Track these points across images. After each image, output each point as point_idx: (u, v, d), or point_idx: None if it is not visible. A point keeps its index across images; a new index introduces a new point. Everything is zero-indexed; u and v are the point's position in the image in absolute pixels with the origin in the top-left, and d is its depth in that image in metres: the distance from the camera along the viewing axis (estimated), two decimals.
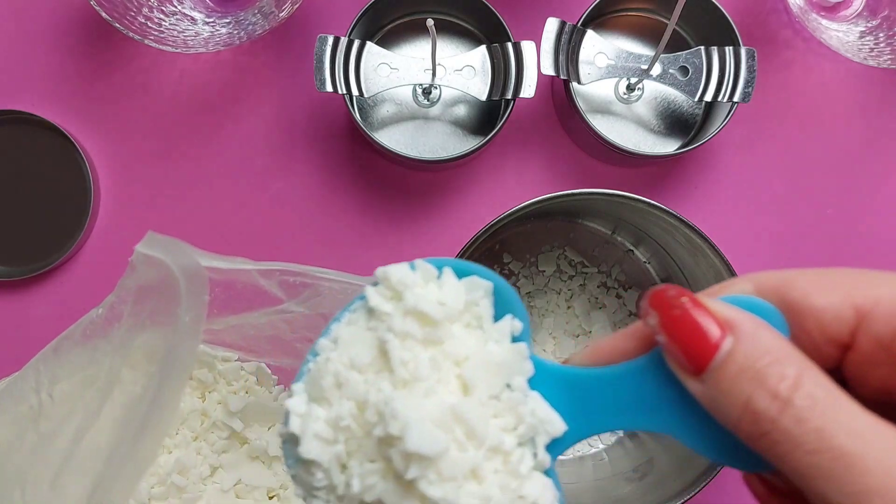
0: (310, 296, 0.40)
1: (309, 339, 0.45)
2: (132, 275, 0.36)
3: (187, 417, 0.46)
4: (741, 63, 0.48)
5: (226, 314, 0.41)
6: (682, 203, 0.54)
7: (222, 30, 0.50)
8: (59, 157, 0.51)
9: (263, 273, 0.39)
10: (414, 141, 0.52)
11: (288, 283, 0.39)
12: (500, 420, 0.22)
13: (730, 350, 0.18)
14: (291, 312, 0.41)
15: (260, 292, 0.39)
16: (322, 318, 0.43)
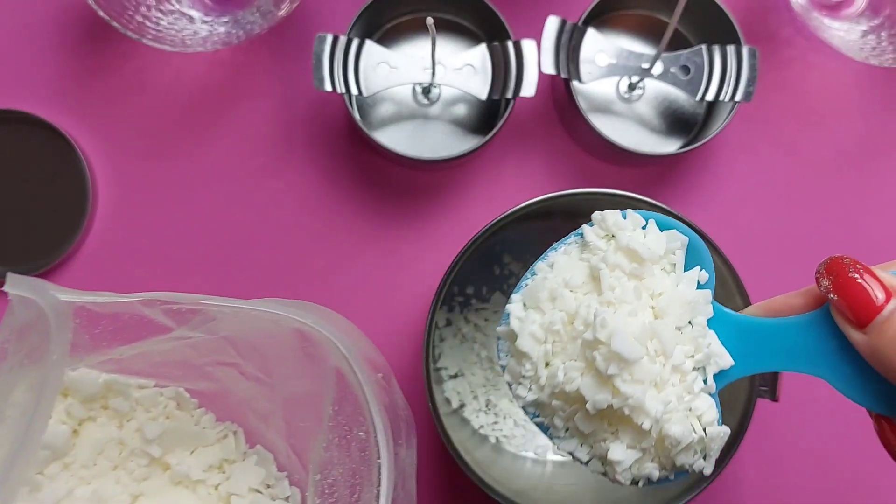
0: (202, 321, 0.40)
1: (219, 363, 0.45)
2: (12, 314, 0.38)
3: (104, 447, 0.46)
4: (743, 62, 0.48)
5: (117, 345, 0.42)
6: (683, 202, 0.54)
7: (220, 29, 0.50)
8: (56, 157, 0.51)
9: (145, 303, 0.40)
10: (413, 140, 0.52)
11: (172, 311, 0.40)
12: (682, 347, 0.27)
13: (893, 310, 0.23)
14: (191, 338, 0.41)
15: (147, 322, 0.40)
16: (226, 341, 0.44)
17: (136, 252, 0.52)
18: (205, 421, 0.48)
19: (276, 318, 0.39)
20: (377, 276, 0.53)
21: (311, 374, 0.41)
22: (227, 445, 0.48)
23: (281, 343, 0.42)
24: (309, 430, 0.44)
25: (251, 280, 0.52)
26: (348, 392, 0.39)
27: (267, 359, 0.44)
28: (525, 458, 0.50)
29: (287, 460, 0.47)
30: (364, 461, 0.39)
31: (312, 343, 0.40)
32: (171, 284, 0.52)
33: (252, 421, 0.48)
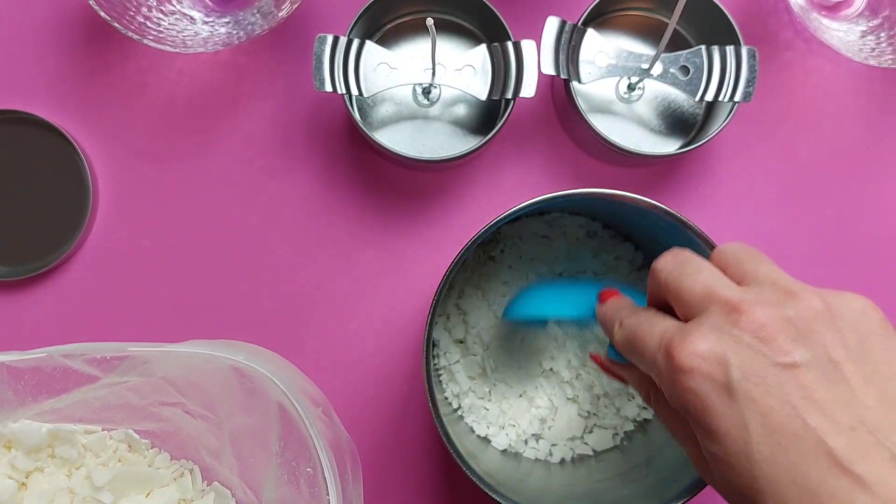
0: (132, 366, 0.40)
1: (162, 403, 0.44)
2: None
3: (54, 497, 0.44)
4: (742, 63, 0.48)
5: (45, 398, 0.41)
6: (682, 203, 0.54)
7: (221, 29, 0.50)
8: (57, 157, 0.51)
9: (66, 356, 0.39)
10: (413, 141, 0.52)
11: (95, 360, 0.40)
12: None
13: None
14: (126, 382, 0.41)
15: (72, 372, 0.40)
16: (165, 381, 0.43)
17: (137, 252, 0.52)
18: (159, 461, 0.47)
19: (209, 357, 0.39)
20: (377, 276, 0.53)
21: (253, 409, 0.41)
22: (183, 484, 0.47)
23: (220, 380, 0.42)
24: (260, 465, 0.44)
25: (251, 280, 0.52)
26: (292, 427, 0.39)
27: (209, 395, 0.44)
28: (523, 456, 0.50)
29: (244, 496, 0.47)
30: (314, 497, 0.38)
31: (250, 379, 0.40)
32: (170, 285, 0.52)
33: (205, 458, 0.47)
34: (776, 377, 0.26)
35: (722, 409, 0.26)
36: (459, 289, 0.51)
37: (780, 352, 0.26)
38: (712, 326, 0.27)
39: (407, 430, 0.52)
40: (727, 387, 0.26)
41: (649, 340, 0.30)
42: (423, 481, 0.52)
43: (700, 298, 0.29)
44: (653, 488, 0.45)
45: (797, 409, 0.25)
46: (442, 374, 0.51)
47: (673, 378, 0.27)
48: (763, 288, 0.29)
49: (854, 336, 0.27)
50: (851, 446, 0.24)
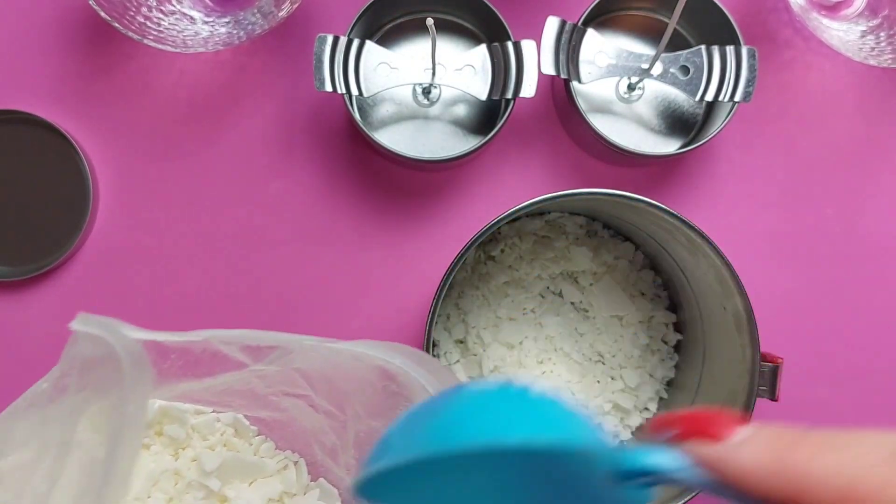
0: (279, 355, 0.38)
1: (286, 394, 0.43)
2: (75, 346, 0.36)
3: (159, 479, 0.43)
4: (742, 62, 0.48)
5: (187, 379, 0.40)
6: (682, 203, 0.54)
7: (221, 29, 0.50)
8: (58, 158, 0.51)
9: (223, 340, 0.38)
10: (414, 141, 0.52)
11: (251, 349, 0.38)
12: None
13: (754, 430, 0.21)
14: (263, 370, 0.40)
15: (221, 357, 0.38)
16: (298, 373, 0.41)
17: (137, 252, 0.52)
18: (263, 449, 0.46)
19: (359, 355, 0.37)
20: (378, 276, 0.53)
21: (391, 413, 0.39)
22: (287, 477, 0.45)
23: (360, 379, 0.40)
24: None
25: (251, 279, 0.52)
26: None
27: (342, 393, 0.42)
28: None
29: (350, 498, 0.45)
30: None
31: (396, 383, 0.37)
32: (171, 285, 0.52)
33: (317, 454, 0.45)
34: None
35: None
36: (459, 289, 0.51)
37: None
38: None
39: None
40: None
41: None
42: None
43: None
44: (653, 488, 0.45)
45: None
46: None
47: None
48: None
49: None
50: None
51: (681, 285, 0.50)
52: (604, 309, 0.51)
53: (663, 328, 0.52)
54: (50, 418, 0.35)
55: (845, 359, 0.54)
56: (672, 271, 0.50)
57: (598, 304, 0.51)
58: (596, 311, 0.51)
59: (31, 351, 0.52)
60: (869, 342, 0.54)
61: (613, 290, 0.51)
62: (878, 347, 0.54)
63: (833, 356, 0.54)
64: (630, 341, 0.51)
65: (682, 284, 0.49)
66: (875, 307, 0.54)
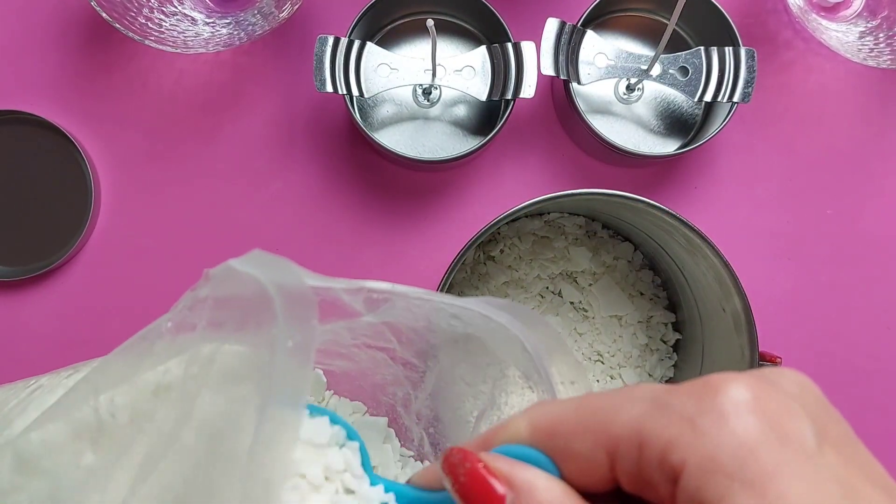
0: (386, 309, 0.37)
1: (367, 346, 0.42)
2: (206, 285, 0.32)
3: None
4: (741, 63, 0.48)
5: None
6: (681, 203, 0.54)
7: (222, 30, 0.50)
8: (59, 158, 0.51)
9: (350, 291, 0.36)
10: (414, 141, 0.52)
11: (371, 300, 0.37)
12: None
13: (513, 501, 0.20)
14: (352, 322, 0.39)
15: (338, 307, 0.36)
16: (386, 326, 0.40)
17: (138, 252, 0.52)
18: (334, 403, 0.46)
19: (460, 312, 0.34)
20: (378, 276, 0.53)
21: (477, 363, 0.39)
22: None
23: (450, 334, 0.38)
24: (452, 424, 0.43)
25: None
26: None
27: (427, 345, 0.41)
28: None
29: (420, 450, 0.45)
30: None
31: (492, 339, 0.36)
32: (171, 285, 0.52)
33: (386, 404, 0.45)
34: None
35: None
36: (459, 289, 0.52)
37: None
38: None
39: None
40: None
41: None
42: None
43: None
44: None
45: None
46: None
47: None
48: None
49: None
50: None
51: (679, 285, 0.50)
52: (603, 309, 0.51)
53: (662, 328, 0.52)
54: (169, 354, 0.31)
55: (844, 359, 0.54)
56: (671, 271, 0.50)
57: (598, 304, 0.51)
58: (595, 311, 0.52)
59: (31, 351, 0.52)
60: (867, 342, 0.54)
61: (612, 290, 0.51)
62: (877, 347, 0.54)
63: (831, 356, 0.54)
64: (629, 341, 0.51)
65: (680, 284, 0.49)
66: (874, 307, 0.54)
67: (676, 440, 0.18)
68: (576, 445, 0.21)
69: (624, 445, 0.19)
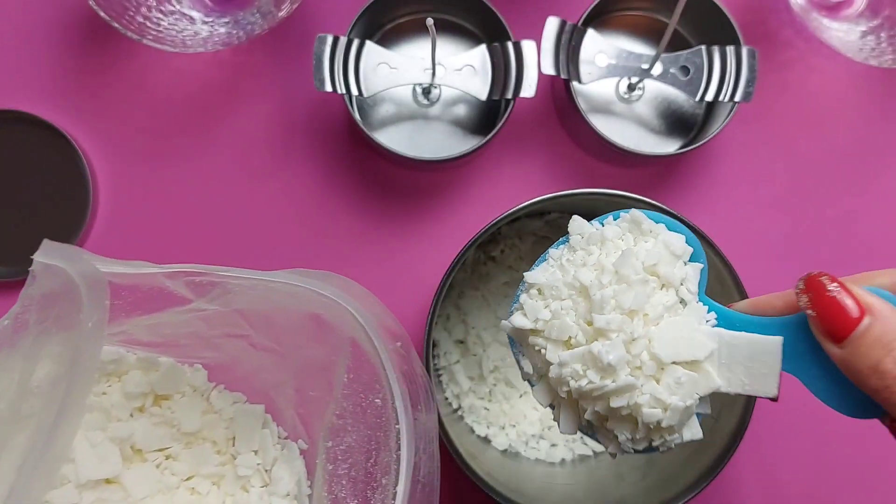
0: (219, 294, 0.40)
1: (228, 335, 0.45)
2: (34, 284, 0.37)
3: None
4: (742, 63, 0.48)
5: (136, 315, 0.42)
6: (682, 203, 0.54)
7: (221, 29, 0.50)
8: (58, 157, 0.51)
9: (169, 275, 0.39)
10: (413, 141, 0.52)
11: (194, 284, 0.40)
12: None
13: (867, 326, 0.25)
14: (205, 310, 0.42)
15: (167, 294, 0.40)
16: (238, 314, 0.44)
17: (137, 252, 0.52)
18: (215, 395, 0.48)
19: (295, 290, 0.39)
20: (377, 276, 0.53)
21: (325, 342, 0.42)
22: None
23: (295, 314, 0.42)
24: (319, 399, 0.45)
25: None
26: (364, 361, 0.39)
27: (280, 328, 0.45)
28: (523, 457, 0.50)
29: (293, 429, 0.48)
30: (380, 427, 0.39)
31: (329, 313, 0.40)
32: None
33: (259, 390, 0.48)
34: None
35: None
36: (459, 289, 0.51)
37: None
38: None
39: None
40: None
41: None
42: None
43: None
44: (653, 488, 0.45)
45: None
46: (442, 375, 0.51)
47: None
48: None
49: None
50: None
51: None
52: None
53: None
54: (10, 359, 0.37)
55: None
56: None
57: None
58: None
59: None
60: None
61: None
62: None
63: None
64: None
65: None
66: None
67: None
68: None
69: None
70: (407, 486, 0.36)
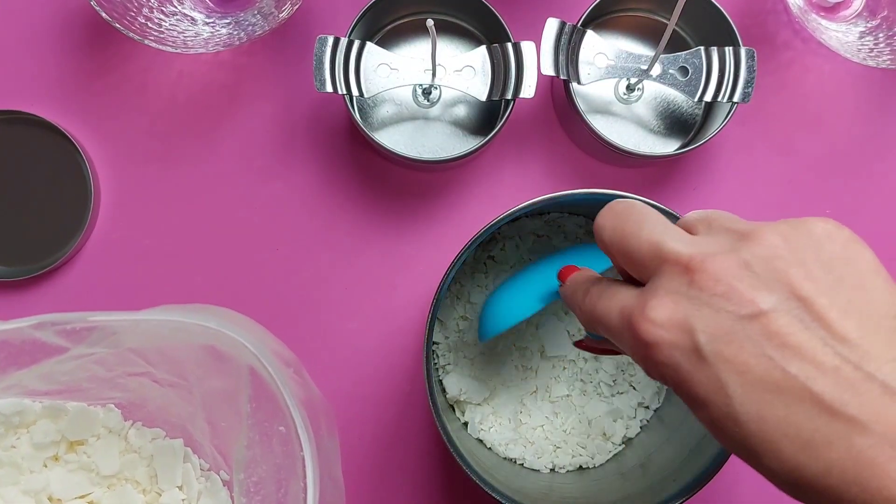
0: (101, 336, 0.40)
1: (129, 374, 0.44)
2: None
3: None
4: (741, 63, 0.48)
5: (12, 370, 0.41)
6: (681, 203, 0.54)
7: (222, 30, 0.50)
8: (59, 158, 0.51)
9: (36, 327, 0.39)
10: (414, 141, 0.52)
11: (65, 331, 0.39)
12: None
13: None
14: (93, 354, 0.41)
15: (41, 344, 0.39)
16: (131, 352, 0.43)
17: (138, 253, 0.52)
18: (132, 433, 0.48)
19: (178, 325, 0.39)
20: (377, 276, 0.53)
21: (224, 372, 0.41)
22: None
23: (188, 347, 0.42)
24: (231, 429, 0.44)
25: (251, 280, 0.52)
26: (264, 389, 0.39)
27: (178, 362, 0.44)
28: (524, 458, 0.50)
29: (213, 461, 0.47)
30: (287, 455, 0.38)
31: (220, 343, 0.40)
32: (172, 285, 0.52)
33: (175, 424, 0.48)
34: (745, 330, 0.24)
35: (698, 376, 0.25)
36: (459, 289, 0.52)
37: (742, 302, 0.24)
38: (668, 290, 0.26)
39: (407, 430, 0.52)
40: (697, 352, 0.24)
41: (611, 317, 0.28)
42: (423, 481, 0.52)
43: (650, 258, 0.27)
44: (651, 488, 0.45)
45: (774, 359, 0.23)
46: (442, 375, 0.51)
47: (642, 354, 0.26)
48: (715, 236, 0.27)
49: (820, 266, 0.25)
50: (838, 387, 0.23)
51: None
52: None
53: None
54: None
55: None
56: None
57: None
58: None
59: None
60: None
61: None
62: None
63: None
64: None
65: None
66: None
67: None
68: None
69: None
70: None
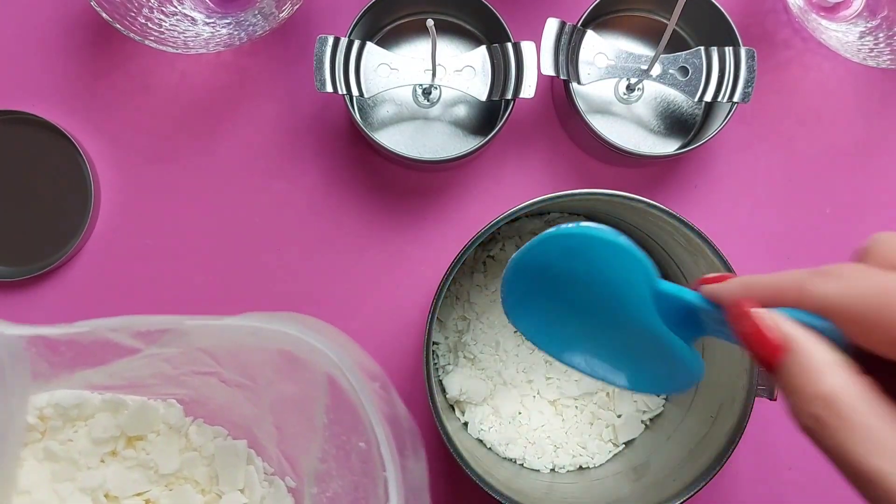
0: (174, 337, 0.39)
1: (195, 372, 0.43)
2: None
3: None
4: (741, 63, 0.48)
5: (81, 368, 0.40)
6: (681, 203, 0.54)
7: (222, 30, 0.50)
8: (59, 158, 0.51)
9: (110, 328, 0.38)
10: (414, 141, 0.52)
11: (140, 333, 0.38)
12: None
13: (785, 363, 0.23)
14: (163, 352, 0.40)
15: (112, 345, 0.39)
16: (202, 352, 0.42)
17: (138, 253, 0.52)
18: (193, 430, 0.47)
19: (255, 329, 0.37)
20: (378, 276, 0.53)
21: (298, 378, 0.40)
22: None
23: (262, 350, 0.41)
24: (301, 435, 0.43)
25: (252, 280, 0.52)
26: (343, 400, 0.37)
27: (249, 364, 0.43)
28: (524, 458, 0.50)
29: (279, 466, 0.46)
30: (366, 474, 0.36)
31: (298, 349, 0.38)
32: (172, 286, 0.52)
33: (239, 424, 0.46)
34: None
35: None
36: (459, 287, 0.52)
37: None
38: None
39: None
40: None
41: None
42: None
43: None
44: (651, 488, 0.45)
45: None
46: (442, 375, 0.51)
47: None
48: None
49: None
50: None
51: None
52: None
53: None
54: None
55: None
56: (671, 271, 0.50)
57: None
58: None
59: None
60: None
61: None
62: None
63: None
64: None
65: (679, 285, 0.49)
66: None
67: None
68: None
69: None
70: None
